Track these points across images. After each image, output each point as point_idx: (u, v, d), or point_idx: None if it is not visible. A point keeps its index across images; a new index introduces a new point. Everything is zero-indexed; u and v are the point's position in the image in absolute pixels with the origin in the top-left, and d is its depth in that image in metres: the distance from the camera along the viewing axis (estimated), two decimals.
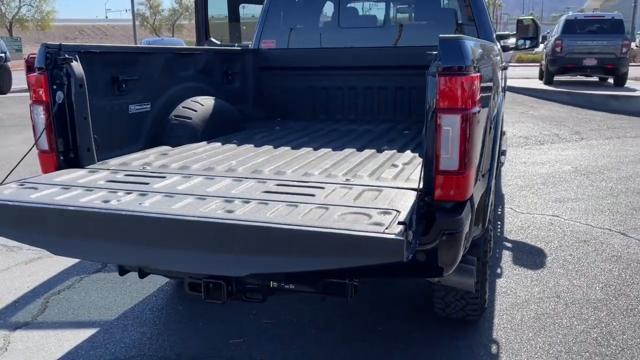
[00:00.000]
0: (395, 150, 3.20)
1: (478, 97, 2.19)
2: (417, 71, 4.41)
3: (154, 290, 3.92)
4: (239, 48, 4.69)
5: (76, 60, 2.76)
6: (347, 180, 2.48)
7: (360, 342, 3.22)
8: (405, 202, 2.06)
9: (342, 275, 2.30)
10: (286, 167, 2.81)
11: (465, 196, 2.18)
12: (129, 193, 2.26)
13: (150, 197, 2.20)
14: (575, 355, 3.02)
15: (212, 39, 5.91)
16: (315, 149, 3.29)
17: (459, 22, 4.39)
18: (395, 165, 2.77)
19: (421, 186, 2.20)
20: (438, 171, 2.14)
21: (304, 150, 3.27)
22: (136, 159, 3.03)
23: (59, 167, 2.77)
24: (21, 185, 2.42)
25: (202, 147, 3.40)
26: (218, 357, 3.09)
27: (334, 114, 4.72)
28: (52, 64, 2.68)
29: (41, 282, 4.09)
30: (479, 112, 2.18)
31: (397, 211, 1.94)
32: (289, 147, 3.34)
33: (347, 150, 3.21)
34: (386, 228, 1.75)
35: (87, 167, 2.84)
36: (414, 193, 2.16)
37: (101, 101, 3.05)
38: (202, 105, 3.75)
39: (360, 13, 5.03)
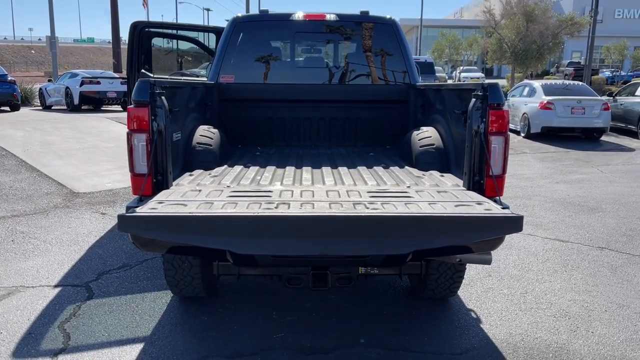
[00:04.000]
0: (396, 166, 4.07)
1: None
2: (361, 105, 5.41)
3: (165, 308, 4.16)
4: (211, 82, 5.12)
5: (165, 95, 3.13)
6: (408, 187, 3.28)
7: (371, 324, 3.96)
8: (478, 197, 2.95)
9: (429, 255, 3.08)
10: (338, 180, 3.50)
11: (503, 193, 3.15)
12: (270, 203, 2.77)
13: (298, 203, 2.75)
14: (530, 304, 4.19)
15: (144, 71, 6.15)
16: (333, 167, 4.01)
17: (393, 65, 5.44)
18: (419, 176, 3.64)
19: (469, 187, 3.12)
20: (489, 176, 3.08)
21: (324, 168, 3.96)
22: (204, 180, 3.42)
23: (152, 189, 3.08)
24: (161, 203, 2.74)
25: (235, 169, 3.87)
26: (275, 349, 3.58)
27: (291, 141, 5.41)
28: (151, 97, 3.02)
29: (36, 314, 4.02)
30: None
31: (487, 202, 2.82)
32: (309, 167, 4.00)
33: (360, 168, 3.99)
34: (502, 210, 2.62)
35: (174, 188, 3.18)
36: (473, 192, 3.07)
37: None
38: (213, 133, 4.20)
39: (311, 54, 5.82)
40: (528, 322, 4.02)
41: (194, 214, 2.52)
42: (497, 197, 3.10)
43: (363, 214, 2.55)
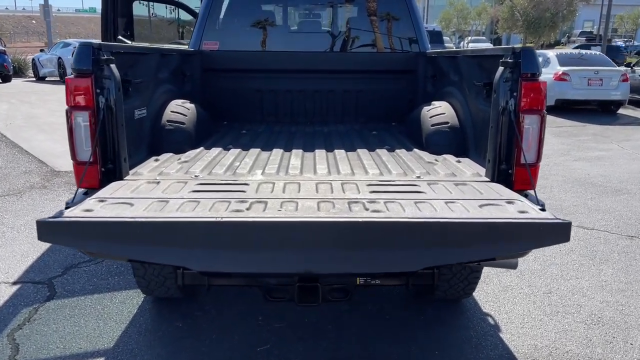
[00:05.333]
0: (403, 148, 3.45)
1: None
2: (363, 75, 4.75)
3: (135, 311, 3.61)
4: (191, 50, 4.48)
5: (114, 62, 2.50)
6: (418, 177, 2.67)
7: (372, 331, 3.40)
8: (507, 192, 2.33)
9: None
10: (333, 167, 2.89)
11: (535, 186, 2.53)
12: (242, 201, 2.16)
13: (278, 202, 2.14)
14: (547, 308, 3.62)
15: (120, 37, 5.50)
16: (329, 150, 3.40)
17: (402, 31, 4.77)
18: (432, 162, 3.03)
19: (494, 178, 2.51)
20: (519, 165, 2.46)
21: (317, 152, 3.35)
22: (170, 167, 2.83)
23: (100, 180, 2.48)
24: (102, 201, 2.14)
25: (211, 152, 3.27)
26: None
27: (283, 117, 4.78)
28: (96, 66, 2.40)
29: None
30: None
31: (519, 200, 2.21)
32: (300, 150, 3.39)
33: (360, 151, 3.37)
34: (542, 214, 2.01)
35: (128, 178, 2.59)
36: (499, 185, 2.45)
37: None
38: (188, 109, 3.58)
39: (308, 18, 5.15)
40: (555, 330, 3.45)
41: (134, 219, 1.92)
42: (529, 192, 2.49)
43: (360, 219, 1.95)
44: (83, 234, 1.94)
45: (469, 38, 46.85)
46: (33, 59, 21.45)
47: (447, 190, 2.38)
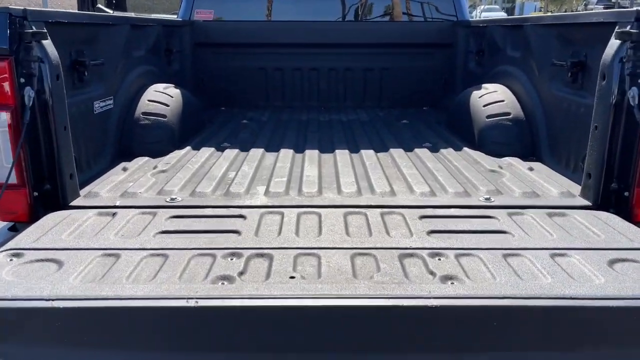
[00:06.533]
0: (449, 146, 2.68)
1: None
2: (388, 50, 3.94)
3: None
4: (179, 20, 3.68)
5: (48, 37, 1.72)
6: (487, 199, 1.89)
7: None
8: (636, 232, 1.56)
9: None
10: (363, 181, 2.13)
11: None
12: (234, 255, 1.40)
13: (289, 257, 1.38)
14: None
15: (100, 6, 4.70)
16: (353, 150, 2.62)
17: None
18: (496, 171, 2.25)
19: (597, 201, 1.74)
20: None
21: (339, 153, 2.57)
22: (140, 181, 2.06)
23: (32, 209, 1.72)
24: (16, 255, 1.39)
25: (199, 155, 2.50)
26: None
27: (291, 101, 4.01)
28: (17, 43, 1.62)
29: None
30: None
31: None
32: (316, 150, 2.61)
33: (395, 151, 2.59)
34: None
35: (76, 204, 1.83)
36: (613, 216, 1.68)
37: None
38: (171, 96, 2.81)
39: None
40: None
41: (49, 304, 1.16)
42: None
43: (428, 303, 1.17)
44: None
45: (482, 7, 45.26)
46: None
47: (541, 228, 1.60)
